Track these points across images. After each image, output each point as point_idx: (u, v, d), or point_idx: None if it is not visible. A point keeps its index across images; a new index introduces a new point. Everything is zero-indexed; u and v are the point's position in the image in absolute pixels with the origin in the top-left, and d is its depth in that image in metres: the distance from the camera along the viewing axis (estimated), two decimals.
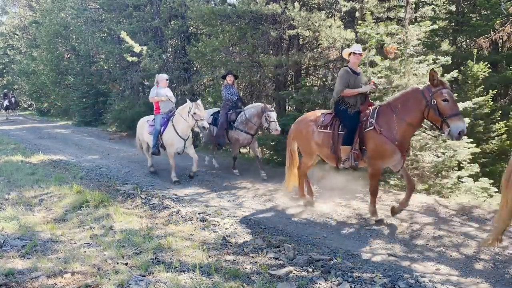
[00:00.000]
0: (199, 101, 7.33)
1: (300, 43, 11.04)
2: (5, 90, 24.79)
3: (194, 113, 7.13)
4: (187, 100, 7.43)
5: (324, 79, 11.56)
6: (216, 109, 8.96)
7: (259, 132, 8.95)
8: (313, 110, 9.31)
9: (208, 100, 11.94)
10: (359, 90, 5.40)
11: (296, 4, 8.42)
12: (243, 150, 12.63)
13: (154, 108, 7.92)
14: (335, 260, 4.09)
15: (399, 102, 5.06)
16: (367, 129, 5.18)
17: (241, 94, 14.06)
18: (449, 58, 7.33)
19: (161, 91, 7.87)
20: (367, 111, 5.32)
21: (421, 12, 9.48)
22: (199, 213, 5.61)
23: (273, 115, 7.61)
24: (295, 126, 6.22)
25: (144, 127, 8.29)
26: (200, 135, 9.32)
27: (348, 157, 5.36)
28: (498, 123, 8.42)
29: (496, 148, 8.29)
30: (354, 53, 5.44)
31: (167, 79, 8.13)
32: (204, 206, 6.02)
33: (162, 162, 9.67)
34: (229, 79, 8.34)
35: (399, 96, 5.17)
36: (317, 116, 5.86)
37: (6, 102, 23.10)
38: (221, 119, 8.29)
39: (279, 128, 7.58)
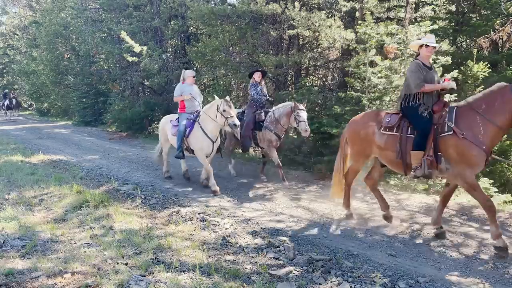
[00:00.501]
0: (228, 98, 6.72)
1: (300, 43, 11.05)
2: (6, 90, 24.66)
3: (224, 111, 6.51)
4: (215, 97, 6.92)
5: (324, 79, 11.58)
6: (238, 110, 8.17)
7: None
8: (313, 110, 9.35)
9: (208, 100, 11.94)
10: (441, 85, 4.76)
11: (296, 4, 8.42)
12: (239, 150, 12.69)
13: (179, 107, 7.38)
14: (335, 260, 4.09)
15: (483, 102, 4.44)
16: (445, 134, 4.52)
17: (241, 94, 14.17)
18: (449, 58, 7.34)
19: (187, 89, 7.31)
20: (443, 112, 4.65)
21: (421, 12, 9.47)
22: (199, 213, 5.61)
23: (304, 115, 7.02)
24: (351, 127, 5.52)
25: (167, 127, 7.62)
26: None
27: (420, 164, 4.66)
28: None
29: (496, 148, 8.28)
30: (427, 46, 4.79)
31: (194, 76, 7.53)
32: (204, 206, 6.02)
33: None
34: (257, 76, 7.71)
35: (482, 96, 4.53)
36: (379, 116, 5.19)
37: (7, 102, 22.93)
38: (247, 119, 7.64)
39: (309, 129, 6.95)
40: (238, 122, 6.56)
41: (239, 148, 8.24)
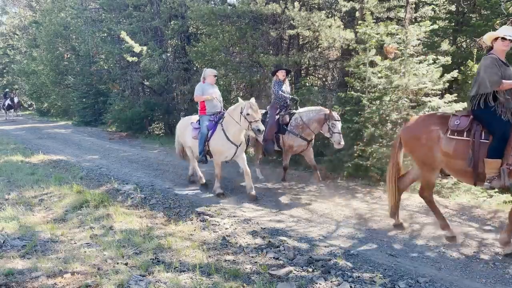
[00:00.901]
0: (253, 100, 6.26)
1: (300, 43, 11.05)
2: (6, 90, 24.45)
3: (248, 114, 6.06)
4: (239, 99, 6.44)
5: (324, 79, 11.58)
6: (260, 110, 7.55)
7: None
8: None
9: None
10: None
11: (296, 4, 8.42)
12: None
13: (199, 108, 6.92)
14: (335, 260, 4.09)
15: None
16: None
17: (241, 94, 14.16)
18: (449, 58, 7.33)
19: (208, 89, 6.86)
20: None
21: (421, 12, 9.48)
22: (199, 213, 5.61)
23: (339, 126, 6.58)
24: (408, 130, 4.86)
25: (187, 130, 7.11)
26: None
27: (498, 174, 4.15)
28: None
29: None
30: (503, 39, 4.22)
31: (215, 75, 7.08)
32: (204, 206, 6.02)
33: (163, 162, 9.67)
34: (281, 74, 7.27)
35: None
36: (444, 118, 4.60)
37: (8, 102, 22.65)
38: (270, 121, 7.15)
39: (342, 142, 6.53)
40: (262, 127, 6.08)
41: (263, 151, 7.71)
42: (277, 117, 7.18)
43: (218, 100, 6.91)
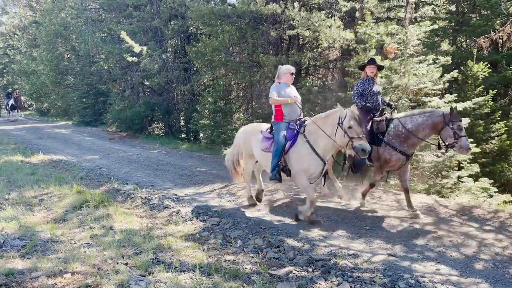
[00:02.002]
0: (354, 108, 4.93)
1: (300, 43, 11.05)
2: (9, 89, 24.20)
3: (349, 127, 4.72)
4: (337, 105, 5.02)
5: (324, 79, 11.58)
6: None
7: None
8: (313, 110, 9.34)
9: (208, 100, 11.95)
10: None
11: (296, 4, 8.43)
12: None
13: (274, 113, 5.53)
14: (335, 260, 4.09)
15: None
16: None
17: (241, 94, 14.17)
18: (449, 58, 7.34)
19: (286, 90, 5.49)
20: None
21: (421, 12, 9.49)
22: (199, 213, 5.61)
23: (463, 127, 5.26)
24: None
25: (254, 140, 5.75)
26: None
27: None
28: (498, 123, 8.43)
29: (496, 148, 8.29)
30: None
31: (292, 73, 5.57)
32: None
33: (163, 162, 9.67)
34: (371, 70, 5.81)
35: None
36: None
37: (11, 102, 22.18)
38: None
39: (470, 146, 5.37)
40: (368, 147, 4.71)
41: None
42: (369, 124, 5.71)
43: (298, 104, 5.52)
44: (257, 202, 6.14)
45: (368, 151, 4.72)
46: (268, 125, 5.79)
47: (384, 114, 5.80)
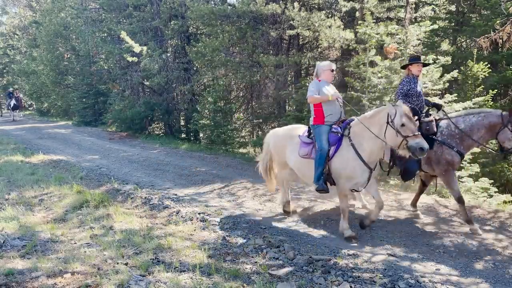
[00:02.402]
0: (401, 103, 4.61)
1: (300, 43, 11.06)
2: (10, 89, 24.11)
3: (402, 125, 4.30)
4: (387, 102, 4.81)
5: None
6: None
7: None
8: None
9: (208, 100, 11.96)
10: None
11: (296, 4, 8.43)
12: (243, 150, 12.72)
13: (313, 115, 5.04)
14: (335, 260, 4.09)
15: None
16: None
17: (241, 94, 14.18)
18: (449, 58, 7.34)
19: (328, 88, 5.01)
20: None
21: (421, 12, 9.49)
22: (199, 213, 5.60)
23: None
24: None
25: (290, 145, 5.27)
26: None
27: None
28: None
29: (496, 148, 8.28)
30: None
31: (332, 70, 5.10)
32: (204, 206, 6.02)
33: (163, 162, 9.67)
34: (418, 69, 5.33)
35: None
36: None
37: (13, 101, 22.00)
38: None
39: None
40: (426, 145, 4.28)
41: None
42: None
43: (340, 103, 5.03)
44: (291, 211, 5.64)
45: (426, 150, 4.28)
46: (303, 128, 5.34)
47: (430, 115, 5.33)
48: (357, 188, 4.87)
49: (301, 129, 5.34)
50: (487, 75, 8.29)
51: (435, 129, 5.09)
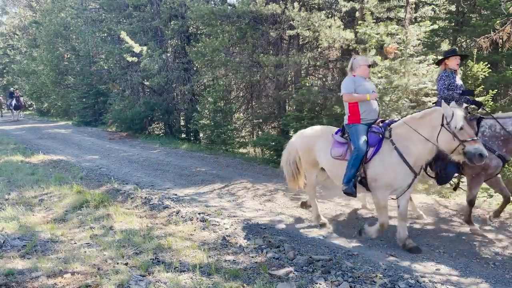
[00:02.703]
0: (456, 105, 4.25)
1: (300, 43, 11.06)
2: (11, 89, 24.04)
3: (461, 128, 4.01)
4: (440, 101, 4.42)
5: (324, 79, 11.57)
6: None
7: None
8: (313, 110, 9.36)
9: (208, 100, 11.96)
10: None
11: (296, 4, 8.42)
12: (243, 150, 12.73)
13: (348, 113, 4.75)
14: (335, 260, 4.09)
15: None
16: None
17: (241, 94, 14.18)
18: None
19: (366, 85, 4.70)
20: None
21: (421, 12, 9.49)
22: (199, 213, 5.60)
23: None
24: None
25: (320, 144, 4.98)
26: None
27: None
28: None
29: None
30: None
31: (370, 65, 4.89)
32: (204, 206, 6.02)
33: (163, 162, 9.66)
34: (456, 62, 5.04)
35: None
36: None
37: (14, 101, 21.92)
38: None
39: None
40: (486, 152, 4.01)
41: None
42: None
43: (377, 101, 4.74)
44: (327, 222, 5.25)
45: (485, 156, 3.99)
46: (333, 128, 5.08)
47: (472, 113, 5.05)
48: (395, 196, 4.54)
49: (332, 129, 5.10)
50: (487, 75, 8.28)
51: (476, 129, 4.74)
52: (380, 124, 4.61)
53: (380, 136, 4.45)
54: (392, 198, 4.59)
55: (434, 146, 4.19)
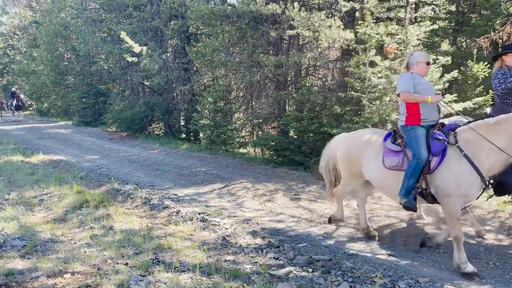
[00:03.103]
0: None
1: (300, 43, 11.05)
2: (13, 89, 23.97)
3: None
4: (498, 103, 4.14)
5: (324, 79, 11.57)
6: (461, 118, 4.63)
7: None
8: (313, 110, 9.36)
9: (208, 100, 11.96)
10: None
11: (296, 4, 8.42)
12: (243, 150, 12.72)
13: (405, 113, 4.22)
14: (335, 260, 4.09)
15: None
16: None
17: (241, 95, 14.18)
18: (449, 58, 7.34)
19: (425, 84, 4.26)
20: None
21: (421, 12, 9.50)
22: (199, 213, 5.60)
23: None
24: None
25: (371, 152, 4.41)
26: None
27: None
28: None
29: None
30: None
31: (429, 62, 4.32)
32: (204, 206, 6.02)
33: (163, 162, 9.66)
34: (511, 58, 4.52)
35: None
36: None
37: (15, 102, 21.93)
38: None
39: None
40: None
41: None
42: None
43: (439, 104, 4.24)
44: (372, 232, 4.81)
45: None
46: (380, 131, 4.56)
47: None
48: (463, 207, 4.06)
49: (380, 133, 4.55)
50: (487, 75, 8.29)
51: None
52: (441, 129, 4.10)
53: (445, 143, 3.93)
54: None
55: (510, 158, 3.70)
